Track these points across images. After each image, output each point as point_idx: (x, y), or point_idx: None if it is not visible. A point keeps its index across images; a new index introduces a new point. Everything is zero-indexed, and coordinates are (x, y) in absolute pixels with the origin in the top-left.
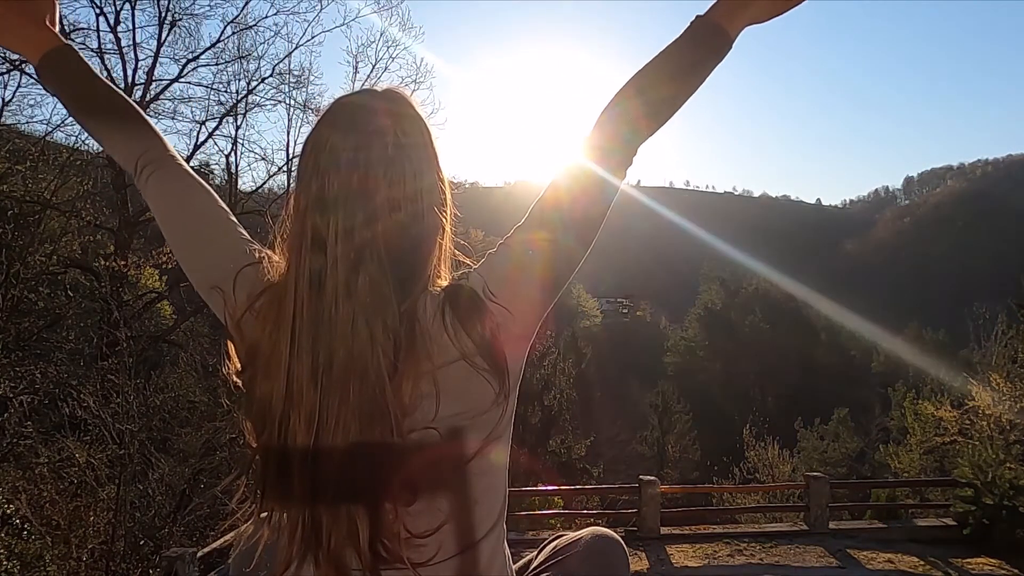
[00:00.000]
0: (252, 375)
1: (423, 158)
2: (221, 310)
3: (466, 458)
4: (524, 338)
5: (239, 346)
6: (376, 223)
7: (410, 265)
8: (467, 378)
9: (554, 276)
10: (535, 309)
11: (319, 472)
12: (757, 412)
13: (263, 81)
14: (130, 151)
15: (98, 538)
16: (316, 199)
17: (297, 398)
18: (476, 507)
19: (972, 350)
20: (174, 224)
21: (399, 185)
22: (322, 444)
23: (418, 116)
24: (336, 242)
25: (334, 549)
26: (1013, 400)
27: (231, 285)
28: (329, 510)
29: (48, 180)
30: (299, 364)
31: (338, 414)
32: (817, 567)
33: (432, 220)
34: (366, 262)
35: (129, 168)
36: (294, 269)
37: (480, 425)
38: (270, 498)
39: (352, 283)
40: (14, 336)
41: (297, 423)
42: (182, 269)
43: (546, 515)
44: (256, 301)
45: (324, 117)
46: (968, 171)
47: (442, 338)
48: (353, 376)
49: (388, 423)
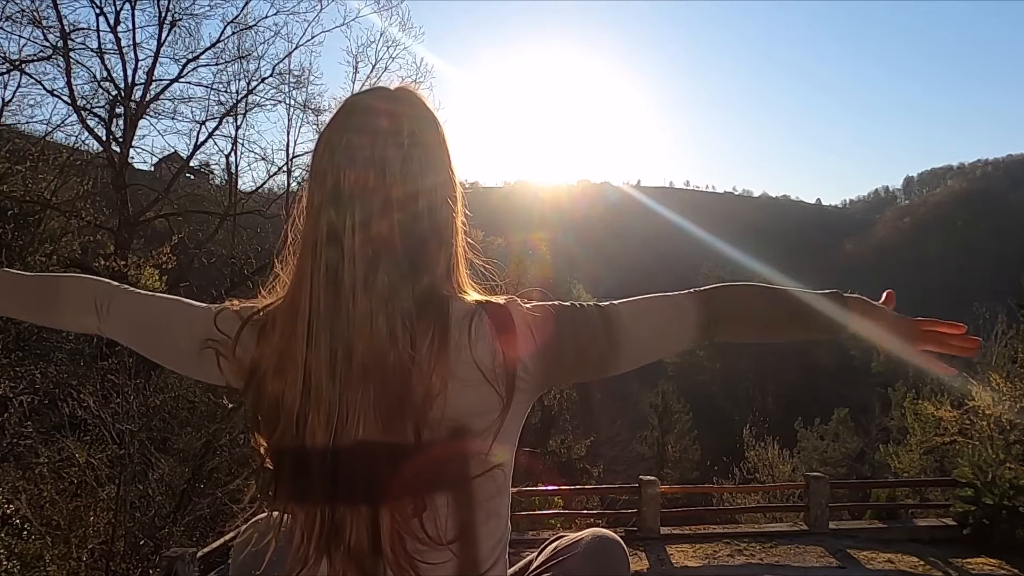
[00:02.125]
0: (260, 379)
1: (437, 155)
2: (213, 360)
3: (474, 458)
4: (533, 388)
5: (236, 374)
6: (392, 217)
7: (424, 260)
8: (477, 385)
9: (582, 369)
10: (550, 374)
11: (339, 470)
12: (757, 412)
13: (263, 81)
14: (84, 307)
15: (98, 538)
16: (331, 195)
17: (315, 394)
18: (482, 508)
19: None
20: (144, 335)
21: (414, 181)
22: (341, 440)
23: (431, 114)
24: (353, 237)
25: (354, 548)
26: (1013, 400)
27: (214, 329)
28: (349, 508)
29: (48, 180)
30: (316, 359)
31: (358, 409)
32: (817, 567)
33: (446, 214)
34: (383, 257)
35: (92, 319)
36: (308, 265)
37: (488, 428)
38: (285, 497)
39: (370, 278)
40: (14, 336)
41: (316, 419)
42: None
43: (546, 515)
44: (253, 316)
45: (338, 116)
46: (968, 171)
47: (463, 343)
48: (372, 371)
49: (408, 417)
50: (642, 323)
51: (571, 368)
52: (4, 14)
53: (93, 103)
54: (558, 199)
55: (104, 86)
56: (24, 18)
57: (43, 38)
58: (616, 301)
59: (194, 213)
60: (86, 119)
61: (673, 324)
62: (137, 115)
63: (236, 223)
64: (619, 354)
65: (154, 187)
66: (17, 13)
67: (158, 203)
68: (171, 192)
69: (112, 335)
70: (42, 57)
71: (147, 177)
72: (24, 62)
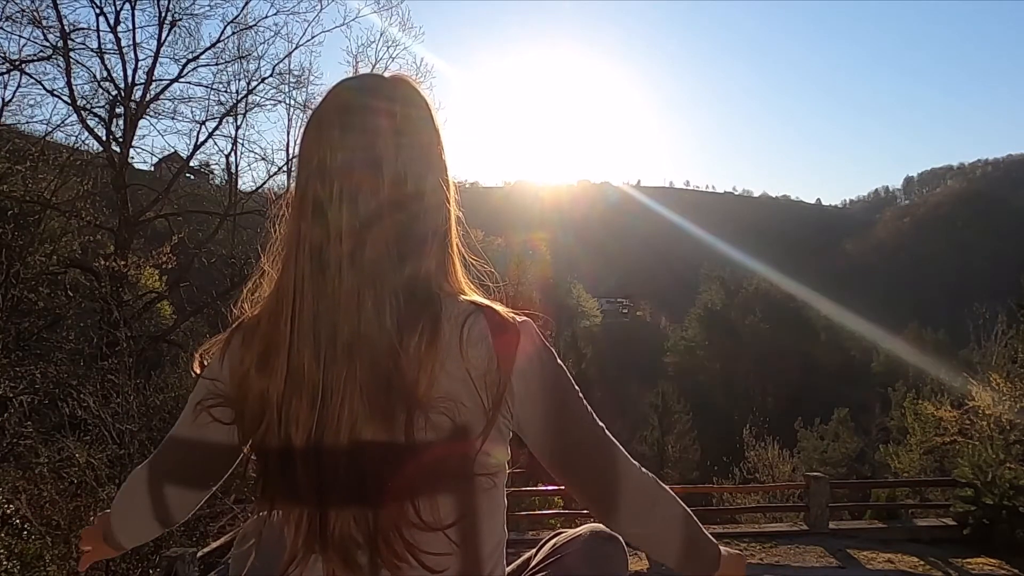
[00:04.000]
0: (245, 376)
1: (428, 136)
2: (208, 419)
3: (466, 457)
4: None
5: (229, 403)
6: (380, 194)
7: (413, 240)
8: (464, 387)
9: (554, 444)
10: (525, 417)
11: (324, 466)
12: (757, 412)
13: (263, 81)
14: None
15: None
16: (318, 169)
17: (299, 376)
18: (479, 506)
19: (972, 350)
20: (196, 468)
21: (404, 160)
22: (327, 424)
23: (421, 97)
24: (340, 211)
25: (340, 543)
26: (1013, 400)
27: (200, 388)
28: (335, 503)
29: (48, 180)
30: (300, 341)
31: (343, 390)
32: (817, 567)
33: (438, 198)
34: (372, 232)
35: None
36: (294, 244)
37: (477, 424)
38: (271, 496)
39: (357, 255)
40: (14, 336)
41: (299, 404)
42: None
43: (546, 515)
44: (238, 326)
45: (328, 98)
46: (968, 171)
47: (453, 341)
48: (358, 349)
49: (395, 400)
50: None
51: (550, 430)
52: (4, 14)
53: (93, 103)
54: (558, 199)
55: (104, 86)
56: (24, 18)
57: (43, 38)
58: None
59: (194, 213)
60: (86, 119)
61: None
62: (137, 115)
63: (236, 223)
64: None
65: (154, 187)
66: (17, 13)
67: (158, 203)
68: (171, 192)
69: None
70: (42, 57)
71: (147, 177)
72: (24, 62)
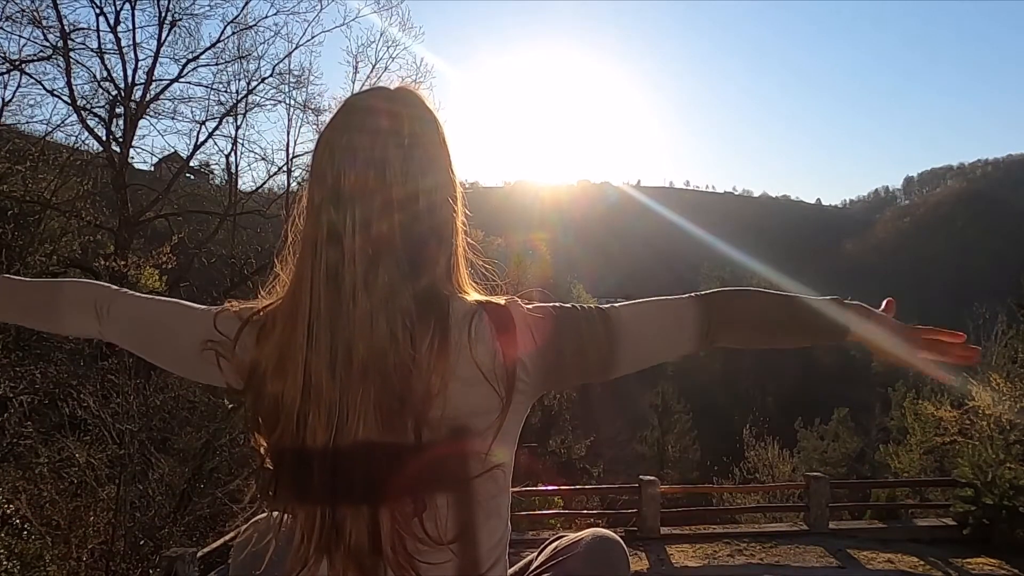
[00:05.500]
0: (260, 379)
1: (437, 155)
2: (213, 361)
3: (474, 458)
4: (531, 391)
5: (235, 375)
6: (392, 217)
7: (424, 260)
8: (477, 385)
9: (582, 371)
10: (550, 375)
11: (339, 469)
12: (757, 412)
13: (263, 81)
14: (84, 310)
15: (98, 538)
16: (331, 194)
17: (316, 394)
18: (482, 508)
19: None
20: (145, 337)
21: (414, 181)
22: (342, 440)
23: (431, 114)
24: (353, 236)
25: (354, 547)
26: (1013, 400)
27: (214, 330)
28: (350, 508)
29: (48, 180)
30: (317, 359)
31: (358, 409)
32: (817, 567)
33: (446, 214)
34: (384, 256)
35: (92, 322)
36: (309, 265)
37: (488, 427)
38: (284, 497)
39: (371, 277)
40: (14, 336)
41: (316, 419)
42: (173, 361)
43: (546, 515)
44: (253, 316)
45: (338, 116)
46: (968, 171)
47: (463, 343)
48: (373, 370)
49: (408, 416)
50: (643, 326)
51: (570, 370)
52: (4, 14)
53: (93, 103)
54: (558, 199)
55: (104, 86)
56: (24, 18)
57: (43, 38)
58: (617, 303)
59: (194, 213)
60: (86, 119)
61: (674, 327)
62: (137, 115)
63: (236, 223)
64: (619, 357)
65: (154, 187)
66: (17, 13)
67: (158, 203)
68: (171, 192)
69: (113, 338)
70: (42, 57)
71: (147, 177)
72: (24, 62)
